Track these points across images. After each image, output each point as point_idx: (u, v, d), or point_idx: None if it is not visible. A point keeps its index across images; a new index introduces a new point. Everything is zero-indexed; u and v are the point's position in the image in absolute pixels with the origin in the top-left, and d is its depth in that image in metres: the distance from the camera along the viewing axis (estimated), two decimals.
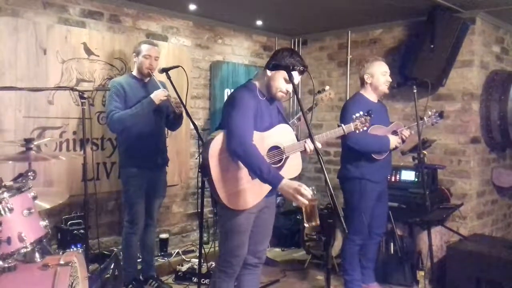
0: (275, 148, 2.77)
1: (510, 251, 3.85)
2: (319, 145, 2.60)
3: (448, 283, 3.97)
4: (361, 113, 3.09)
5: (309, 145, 2.76)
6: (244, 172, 2.68)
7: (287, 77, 2.63)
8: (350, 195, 3.70)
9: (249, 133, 2.62)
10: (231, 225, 2.75)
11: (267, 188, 2.71)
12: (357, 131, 3.09)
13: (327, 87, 3.96)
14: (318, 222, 2.47)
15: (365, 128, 3.10)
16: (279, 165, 2.77)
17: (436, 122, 3.80)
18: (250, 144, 2.58)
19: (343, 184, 3.75)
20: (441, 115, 3.77)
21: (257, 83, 2.81)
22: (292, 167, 2.83)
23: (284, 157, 2.78)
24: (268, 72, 2.72)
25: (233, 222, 2.74)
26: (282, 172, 2.72)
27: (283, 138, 2.80)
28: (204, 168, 2.68)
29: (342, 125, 3.07)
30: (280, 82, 2.70)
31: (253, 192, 2.71)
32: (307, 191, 2.40)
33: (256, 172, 2.53)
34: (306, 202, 2.38)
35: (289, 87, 2.70)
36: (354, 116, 3.08)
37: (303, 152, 2.82)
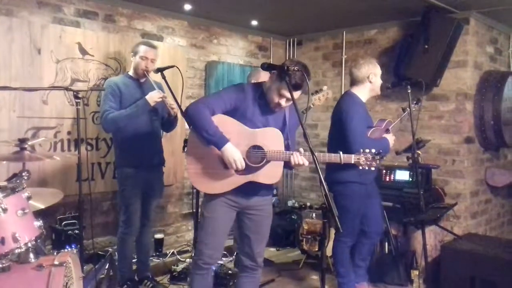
0: (258, 148, 2.73)
1: (504, 250, 3.88)
2: (305, 162, 2.65)
3: (442, 282, 3.99)
4: (373, 151, 2.70)
5: (296, 159, 2.65)
6: (218, 158, 2.71)
7: (284, 93, 2.63)
8: (342, 199, 3.61)
9: (208, 104, 2.69)
10: (205, 212, 2.82)
11: (236, 182, 2.72)
12: (360, 167, 2.73)
13: (324, 87, 3.88)
14: None
15: (371, 169, 2.73)
16: (257, 165, 2.72)
17: (416, 109, 3.77)
18: (202, 108, 2.67)
19: (333, 187, 3.63)
20: (417, 102, 3.77)
21: (262, 86, 2.80)
22: (270, 172, 2.74)
23: (265, 160, 2.72)
24: (269, 79, 2.75)
25: (207, 208, 2.81)
26: (258, 174, 2.71)
27: (270, 142, 2.72)
28: (186, 141, 2.85)
29: (341, 153, 2.71)
30: (274, 94, 2.68)
31: (220, 180, 2.73)
32: (240, 165, 2.64)
33: (203, 133, 2.65)
34: (234, 168, 2.66)
35: (282, 101, 2.68)
36: (362, 150, 2.73)
37: (287, 163, 2.71)
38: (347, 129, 3.44)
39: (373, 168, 2.73)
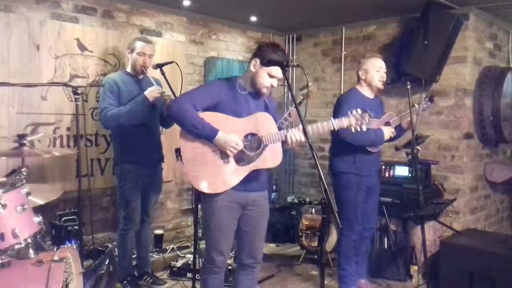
0: (252, 135, 2.72)
1: (503, 246, 3.89)
2: (302, 137, 2.65)
3: (441, 277, 4.00)
4: (359, 110, 2.77)
5: (292, 135, 2.66)
6: (216, 154, 2.68)
7: (271, 73, 2.67)
8: (339, 189, 3.71)
9: (189, 100, 2.68)
10: (213, 220, 2.74)
11: (240, 174, 2.69)
12: (352, 129, 2.78)
13: (310, 83, 4.03)
14: None
15: (363, 128, 2.77)
16: (256, 152, 2.72)
17: (428, 107, 3.78)
18: (185, 104, 2.65)
19: (333, 178, 3.76)
20: (431, 99, 3.75)
21: (239, 78, 2.82)
22: (271, 155, 2.73)
23: (262, 145, 2.72)
24: (252, 68, 2.74)
25: (215, 216, 2.73)
26: (260, 160, 2.71)
27: (262, 126, 2.72)
28: (177, 150, 2.78)
29: (332, 119, 2.79)
30: (264, 78, 2.71)
31: (222, 177, 2.68)
32: (237, 145, 2.65)
33: (192, 130, 2.64)
34: (235, 152, 2.66)
35: (273, 81, 2.72)
36: (349, 112, 2.78)
37: (284, 143, 2.72)
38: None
39: (364, 128, 2.77)
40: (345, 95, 3.79)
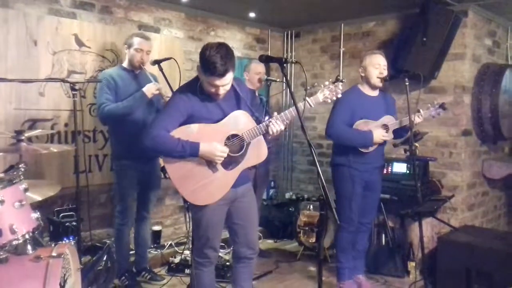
0: (233, 136, 2.71)
1: (500, 242, 3.90)
2: (282, 127, 2.67)
3: (438, 273, 4.01)
4: (330, 80, 2.88)
5: (273, 127, 2.66)
6: (203, 166, 2.67)
7: (210, 82, 2.57)
8: (337, 181, 3.75)
9: (159, 127, 2.60)
10: (202, 219, 2.75)
11: (231, 178, 2.71)
12: (328, 101, 2.87)
13: (316, 84, 3.98)
14: None
15: (337, 97, 2.87)
16: (240, 153, 2.72)
17: (438, 114, 3.74)
18: (156, 134, 2.59)
19: (332, 170, 3.80)
20: (443, 106, 3.70)
21: (198, 81, 2.70)
22: (257, 151, 2.76)
23: (245, 144, 2.72)
24: (198, 72, 2.66)
25: (205, 216, 2.74)
26: (246, 159, 2.72)
27: (240, 125, 2.71)
28: (163, 168, 2.74)
29: (307, 98, 2.79)
30: (207, 86, 2.62)
31: (217, 185, 2.69)
32: (223, 153, 2.63)
33: (174, 154, 2.60)
34: (222, 159, 2.64)
35: (218, 90, 2.60)
36: (322, 85, 2.87)
37: (267, 135, 2.72)
38: (330, 114, 3.67)
39: (340, 95, 2.86)
40: (344, 92, 3.74)
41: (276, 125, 2.67)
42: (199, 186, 2.67)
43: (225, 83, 2.59)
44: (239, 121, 2.72)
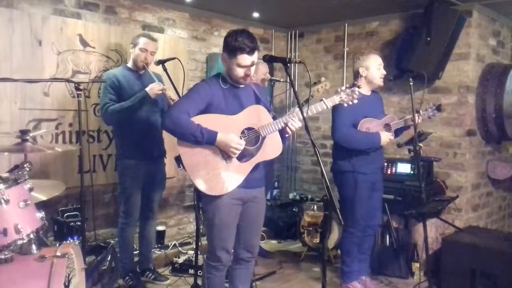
0: (249, 129, 2.73)
1: (505, 243, 3.87)
2: (300, 124, 2.70)
3: (443, 275, 4.00)
4: (346, 85, 2.95)
5: (292, 126, 2.71)
6: (217, 155, 2.68)
7: (240, 62, 2.64)
8: (344, 189, 3.72)
9: (181, 109, 2.64)
10: (215, 218, 2.74)
11: (245, 170, 2.71)
12: (345, 105, 2.94)
13: (323, 79, 4.01)
14: None
15: (355, 101, 2.92)
16: (255, 146, 2.73)
17: (434, 115, 3.79)
18: (178, 116, 2.61)
19: (336, 177, 3.77)
20: (438, 108, 3.76)
21: (222, 73, 2.81)
22: (271, 147, 2.77)
23: (260, 138, 2.74)
24: (223, 61, 2.74)
25: (218, 215, 2.73)
26: (260, 154, 2.73)
27: (257, 119, 2.74)
28: (178, 158, 2.74)
29: (324, 99, 2.87)
30: (235, 69, 2.68)
31: (230, 176, 2.69)
32: (239, 145, 2.64)
33: (191, 139, 2.61)
34: (237, 153, 2.65)
35: (247, 71, 2.68)
36: (339, 89, 2.92)
37: (284, 131, 2.76)
38: (333, 119, 3.62)
39: (356, 101, 2.90)
40: None
41: (295, 124, 2.72)
42: (212, 175, 2.67)
43: (254, 61, 2.67)
44: (256, 114, 2.75)
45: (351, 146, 3.59)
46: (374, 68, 3.62)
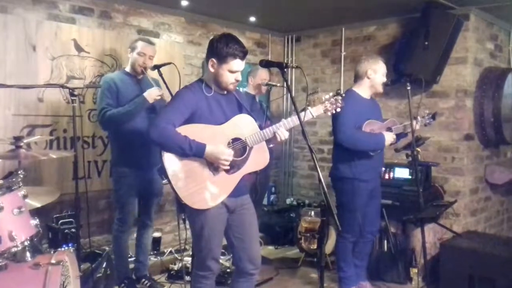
0: (235, 140, 2.68)
1: (503, 248, 3.87)
2: (287, 135, 2.69)
3: (441, 280, 3.98)
4: (330, 94, 2.87)
5: (280, 136, 2.67)
6: (204, 168, 2.62)
7: (232, 68, 2.62)
8: (342, 195, 3.69)
9: (167, 120, 2.57)
10: (204, 230, 2.67)
11: (232, 183, 2.66)
12: (329, 113, 2.90)
13: (318, 89, 3.98)
14: None
15: (338, 110, 2.88)
16: (242, 157, 2.68)
17: (429, 123, 3.79)
18: (164, 127, 2.54)
19: (335, 183, 3.73)
20: (433, 116, 3.76)
21: (204, 79, 2.76)
22: (259, 157, 2.72)
23: (248, 149, 2.69)
24: (211, 68, 2.68)
25: (206, 226, 2.66)
26: (248, 164, 2.69)
27: (244, 129, 2.69)
28: (161, 169, 2.64)
29: (309, 108, 2.80)
30: (226, 75, 2.65)
31: (217, 189, 2.63)
32: (229, 156, 2.59)
33: (178, 151, 2.55)
34: (227, 165, 2.61)
35: (237, 76, 2.66)
36: (323, 98, 2.86)
37: (273, 140, 2.71)
38: (336, 122, 3.54)
39: (339, 109, 2.86)
40: (344, 100, 3.70)
41: (283, 134, 2.68)
42: (198, 189, 2.60)
43: (243, 67, 2.65)
44: (242, 124, 2.71)
45: (356, 147, 3.53)
46: (380, 74, 3.60)
